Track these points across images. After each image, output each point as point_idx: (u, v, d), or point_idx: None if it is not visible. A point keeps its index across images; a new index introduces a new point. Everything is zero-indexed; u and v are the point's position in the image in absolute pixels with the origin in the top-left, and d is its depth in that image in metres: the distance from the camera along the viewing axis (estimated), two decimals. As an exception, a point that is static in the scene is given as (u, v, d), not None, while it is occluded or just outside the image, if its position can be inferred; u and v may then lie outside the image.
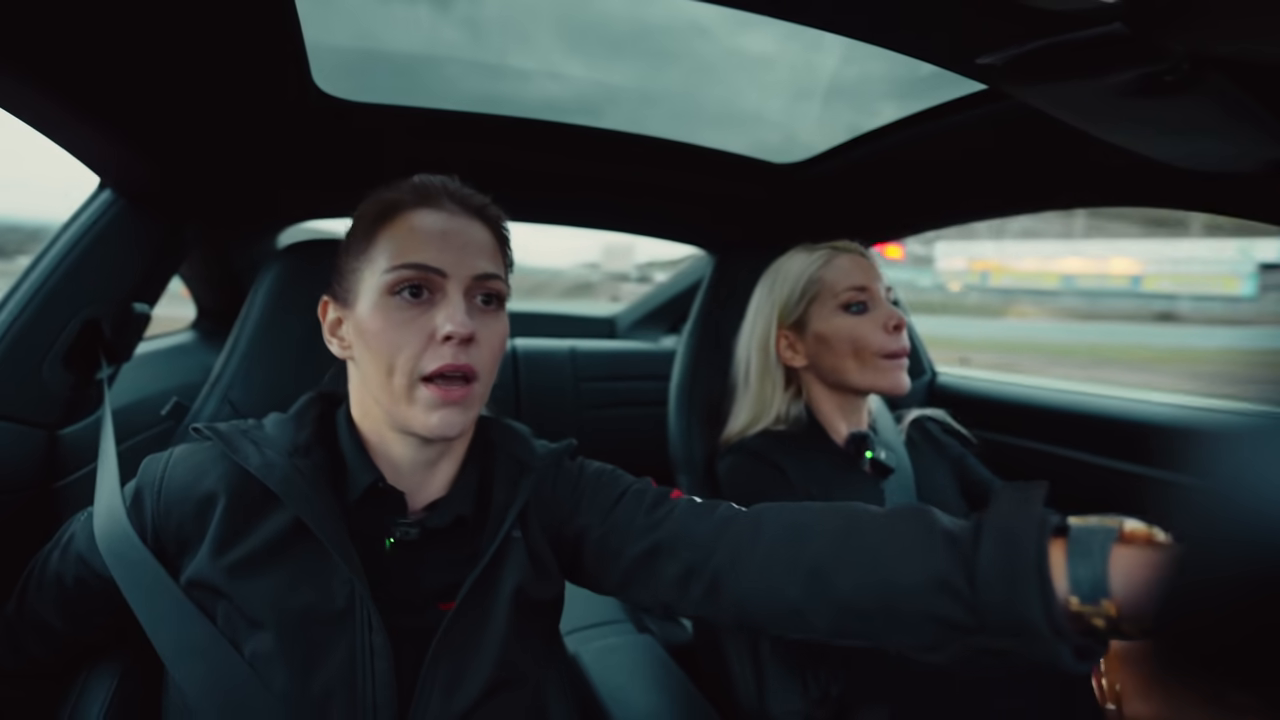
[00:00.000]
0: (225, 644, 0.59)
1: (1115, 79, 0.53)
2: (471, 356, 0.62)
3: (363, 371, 0.66)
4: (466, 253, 0.64)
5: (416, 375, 0.61)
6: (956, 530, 0.53)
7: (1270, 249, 30.82)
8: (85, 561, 0.66)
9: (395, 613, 0.62)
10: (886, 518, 0.58)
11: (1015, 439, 1.42)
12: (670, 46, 1.08)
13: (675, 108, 1.18)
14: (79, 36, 0.65)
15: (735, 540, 0.63)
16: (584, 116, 1.10)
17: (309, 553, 0.61)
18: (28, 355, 0.90)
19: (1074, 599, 0.44)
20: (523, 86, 1.11)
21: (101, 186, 1.00)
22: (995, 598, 0.46)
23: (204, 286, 1.61)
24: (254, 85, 0.82)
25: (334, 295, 0.69)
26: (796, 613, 0.58)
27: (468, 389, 0.62)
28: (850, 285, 1.03)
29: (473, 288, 0.64)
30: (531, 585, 0.68)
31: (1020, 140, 0.97)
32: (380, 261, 0.63)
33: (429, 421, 0.61)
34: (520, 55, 1.06)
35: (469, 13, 1.00)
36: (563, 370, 1.96)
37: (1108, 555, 0.44)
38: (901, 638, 0.53)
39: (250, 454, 0.64)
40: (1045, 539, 0.46)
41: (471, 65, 1.06)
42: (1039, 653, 0.45)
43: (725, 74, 1.16)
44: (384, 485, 0.66)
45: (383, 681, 0.59)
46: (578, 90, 1.13)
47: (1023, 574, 0.45)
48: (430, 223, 0.64)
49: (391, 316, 0.62)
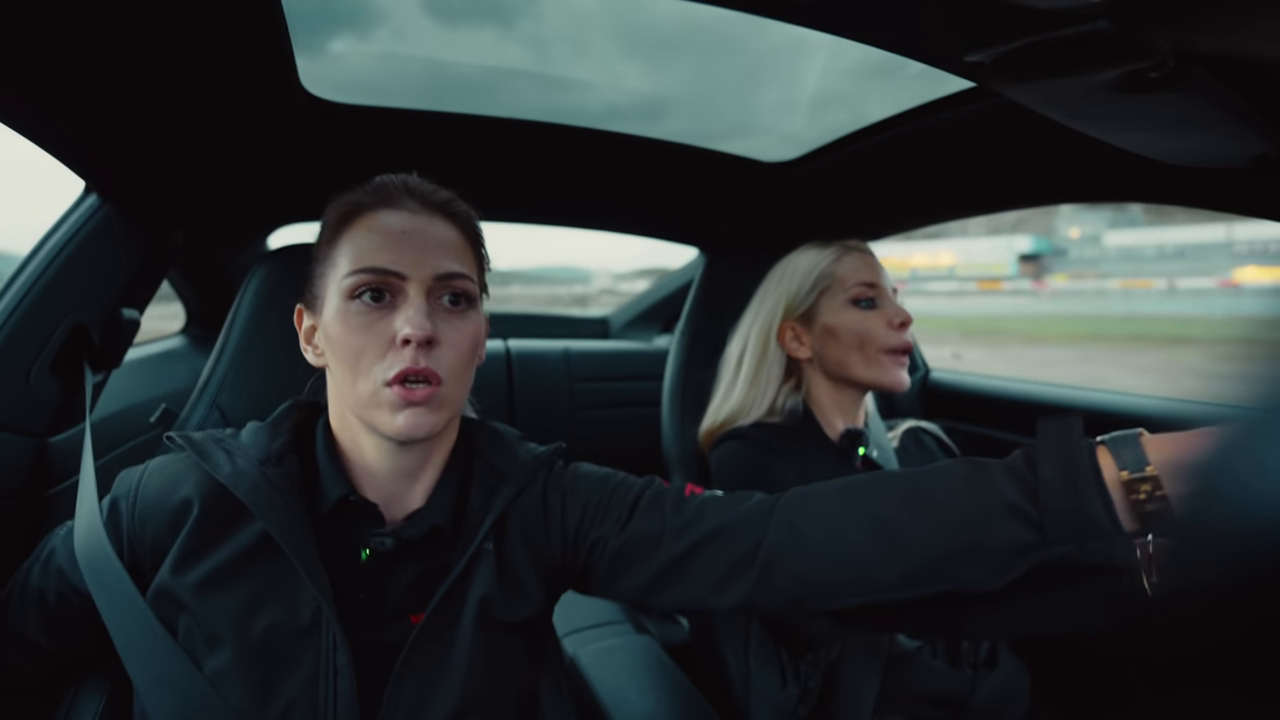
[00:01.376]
0: (192, 671, 0.58)
1: (1101, 76, 0.54)
2: (433, 360, 0.60)
3: (334, 378, 0.65)
4: (428, 253, 0.62)
5: (380, 380, 0.60)
6: (1009, 462, 0.58)
7: (1025, 243, 61.38)
8: (65, 576, 0.65)
9: (363, 627, 0.61)
10: (937, 468, 0.62)
11: (1007, 434, 1.43)
12: (670, 46, 1.09)
13: (673, 109, 1.19)
14: (62, 41, 0.64)
15: (787, 517, 0.63)
16: (588, 120, 1.11)
17: (277, 567, 0.60)
18: (15, 362, 0.89)
19: (1124, 472, 0.52)
20: (515, 87, 1.10)
21: (87, 191, 0.99)
22: (1062, 507, 0.53)
23: (193, 292, 1.60)
24: (240, 88, 0.82)
25: (306, 303, 0.69)
26: (864, 574, 0.59)
27: (431, 390, 0.60)
28: (861, 280, 1.05)
29: (436, 288, 0.63)
30: (497, 599, 0.65)
31: (1009, 137, 0.97)
32: (341, 266, 0.62)
33: (395, 423, 0.60)
34: (520, 56, 1.06)
35: (468, 13, 1.00)
36: (556, 371, 1.96)
37: (1139, 440, 0.53)
38: (973, 572, 0.56)
39: (222, 463, 0.63)
40: (1094, 449, 0.54)
41: (460, 66, 1.05)
42: (1098, 548, 0.52)
43: (719, 73, 1.16)
44: (355, 498, 0.65)
45: (345, 702, 0.58)
46: (579, 91, 1.13)
47: (1084, 480, 0.53)
48: (389, 223, 0.63)
49: (352, 321, 0.61)
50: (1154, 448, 0.52)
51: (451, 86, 1.07)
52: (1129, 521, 0.52)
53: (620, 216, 1.64)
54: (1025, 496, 0.55)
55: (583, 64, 1.10)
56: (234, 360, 0.90)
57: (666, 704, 1.04)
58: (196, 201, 1.15)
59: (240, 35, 0.70)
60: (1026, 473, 0.56)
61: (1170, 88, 0.54)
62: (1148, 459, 0.52)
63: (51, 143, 0.85)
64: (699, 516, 0.66)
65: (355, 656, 0.59)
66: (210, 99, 0.82)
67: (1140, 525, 0.52)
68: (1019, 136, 0.96)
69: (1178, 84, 0.53)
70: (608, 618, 1.53)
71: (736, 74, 1.15)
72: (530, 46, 1.07)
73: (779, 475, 0.97)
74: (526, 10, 1.01)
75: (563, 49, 1.09)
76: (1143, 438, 0.53)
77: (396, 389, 0.59)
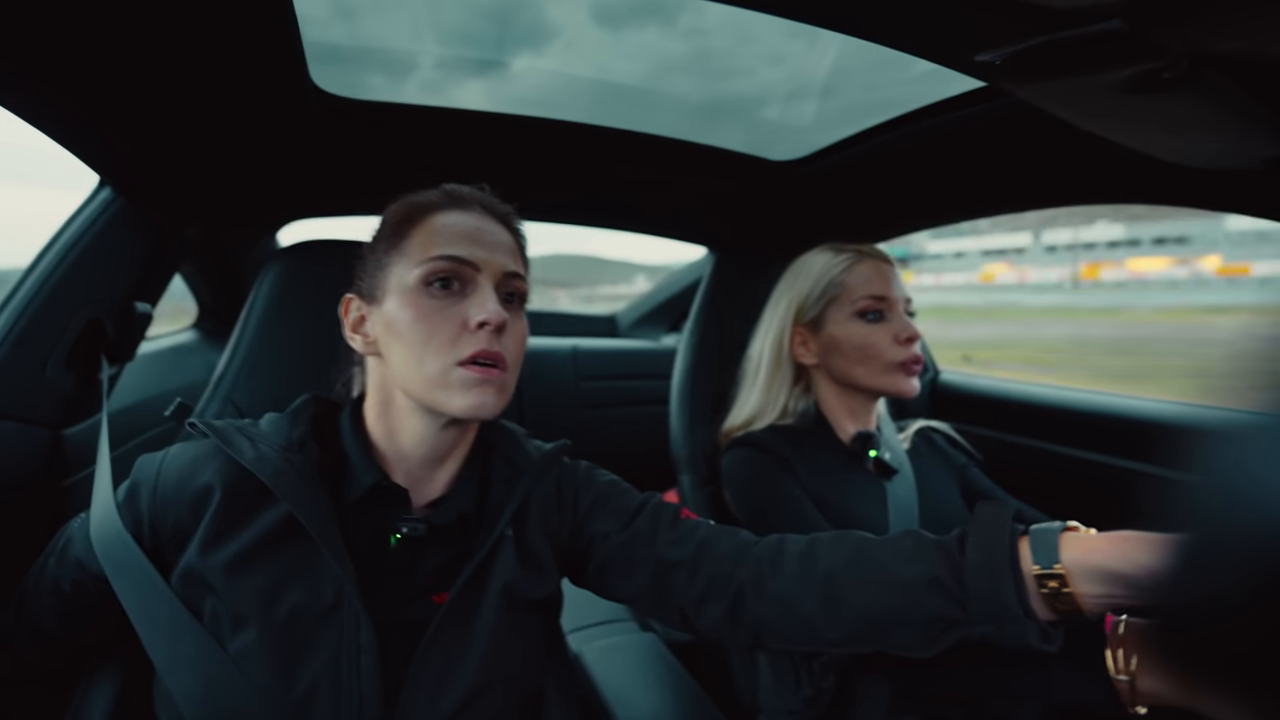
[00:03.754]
0: (217, 650, 0.59)
1: (1114, 76, 0.53)
2: (503, 345, 0.65)
3: (391, 364, 0.67)
4: (496, 251, 0.67)
5: (451, 360, 0.63)
6: (945, 541, 0.63)
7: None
8: (83, 565, 0.66)
9: (387, 607, 0.62)
10: (889, 538, 0.67)
11: (1017, 437, 1.42)
12: (672, 43, 1.09)
13: (676, 105, 1.18)
14: (77, 35, 0.65)
15: (758, 562, 0.68)
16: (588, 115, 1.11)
17: (301, 549, 0.62)
18: (30, 355, 0.90)
19: (1035, 566, 0.56)
20: (519, 84, 1.11)
21: (101, 185, 1.00)
22: (979, 588, 0.57)
23: (206, 286, 1.61)
24: (252, 84, 0.82)
25: (359, 292, 0.71)
26: (811, 626, 0.65)
27: (500, 373, 0.65)
28: (869, 293, 1.03)
29: (501, 284, 0.67)
30: (520, 581, 0.68)
31: (1020, 137, 0.97)
32: (414, 255, 0.66)
33: (466, 401, 0.63)
34: (518, 55, 1.06)
35: (460, 10, 1.00)
36: (564, 369, 1.96)
37: (1057, 537, 0.57)
38: (903, 638, 0.62)
39: (244, 448, 0.64)
40: (1015, 539, 0.58)
41: (469, 61, 1.06)
42: (1013, 633, 0.56)
43: (725, 71, 1.16)
44: (387, 483, 0.67)
45: (369, 677, 0.59)
46: (578, 88, 1.13)
47: (1000, 568, 0.57)
48: (462, 221, 0.68)
49: (424, 306, 0.64)
50: (1070, 546, 0.55)
51: (460, 83, 1.07)
52: (1043, 611, 0.56)
53: (629, 215, 1.64)
54: (952, 575, 0.59)
55: (587, 63, 1.10)
56: (248, 355, 0.90)
57: (670, 702, 1.05)
58: (208, 196, 1.16)
59: (250, 29, 0.71)
60: (957, 553, 0.60)
61: (1184, 88, 0.54)
62: (1059, 557, 0.55)
63: (67, 137, 0.86)
64: (688, 537, 0.71)
65: (378, 634, 0.60)
66: (222, 93, 0.83)
67: (1056, 617, 0.56)
68: (1030, 137, 0.95)
69: (1192, 84, 0.53)
70: (612, 615, 1.53)
71: (743, 71, 1.15)
72: (532, 44, 1.07)
73: (787, 493, 0.97)
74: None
75: (565, 47, 1.09)
76: (1063, 535, 0.56)
77: (470, 368, 0.63)
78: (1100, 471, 1.23)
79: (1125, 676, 0.62)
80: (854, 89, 1.11)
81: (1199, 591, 0.39)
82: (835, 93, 1.13)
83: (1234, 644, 0.38)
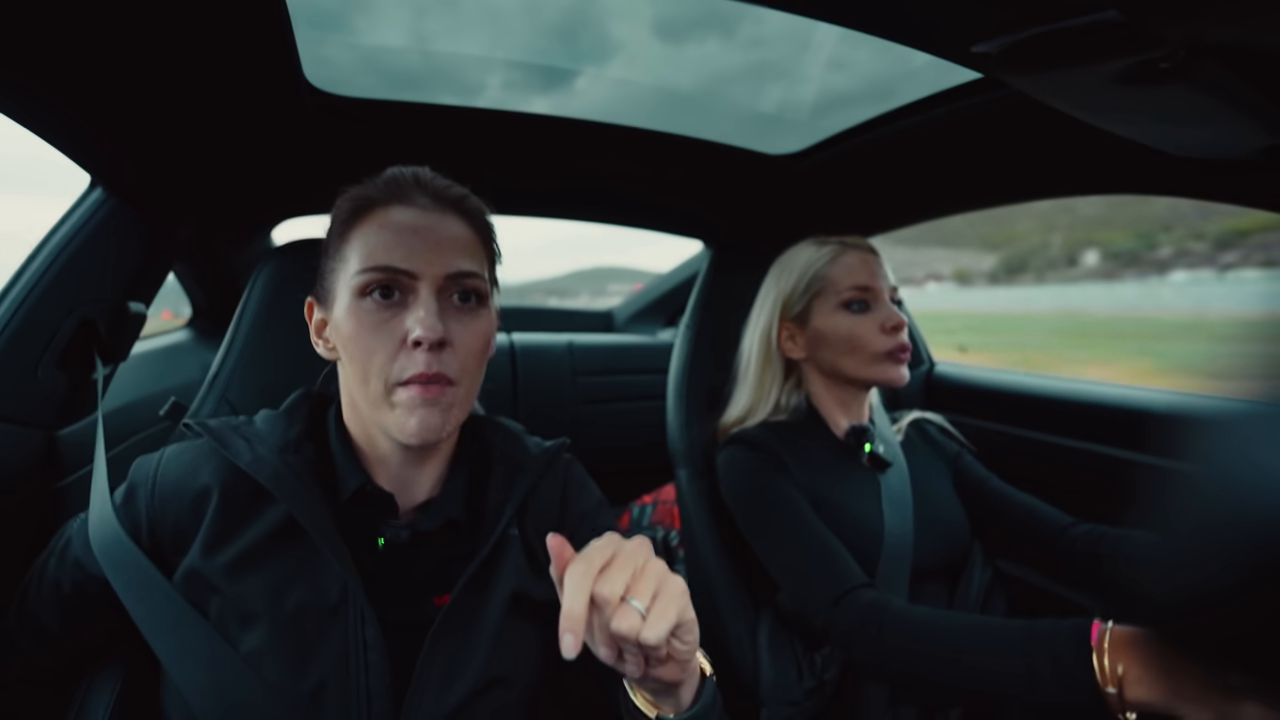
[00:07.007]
0: (222, 644, 0.59)
1: (1111, 66, 0.53)
2: (444, 363, 0.61)
3: (345, 373, 0.65)
4: (440, 251, 0.62)
5: (391, 381, 0.60)
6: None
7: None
8: (82, 566, 0.65)
9: (389, 607, 0.62)
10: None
11: (1013, 428, 1.42)
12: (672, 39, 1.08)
13: (671, 99, 1.18)
14: (67, 34, 0.64)
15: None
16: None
17: (302, 549, 0.61)
18: (23, 356, 0.90)
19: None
20: (509, 81, 1.10)
21: (92, 185, 1.00)
22: None
23: (199, 285, 1.60)
24: (244, 81, 0.82)
25: (317, 297, 0.69)
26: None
27: (445, 388, 0.61)
28: (853, 284, 1.03)
29: (447, 286, 0.63)
30: (529, 584, 0.67)
31: (1018, 128, 0.97)
32: (352, 263, 0.62)
33: (408, 426, 0.60)
34: (519, 52, 1.05)
35: (457, 10, 1.00)
36: (560, 364, 1.96)
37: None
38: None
39: (241, 450, 0.63)
40: None
41: (460, 59, 1.05)
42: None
43: (722, 65, 1.15)
44: (371, 488, 0.66)
45: (376, 673, 0.59)
46: (577, 87, 1.12)
47: None
48: (400, 220, 0.63)
49: (363, 320, 0.61)
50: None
51: (452, 79, 1.06)
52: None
53: (625, 209, 1.63)
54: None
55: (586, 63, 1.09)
56: (242, 354, 0.90)
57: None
58: (201, 195, 1.15)
59: (243, 26, 0.70)
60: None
61: (1181, 78, 0.54)
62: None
63: (58, 136, 0.85)
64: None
65: (383, 632, 0.60)
66: (215, 90, 0.82)
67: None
68: (1027, 129, 0.95)
69: (1188, 75, 0.53)
70: None
71: (740, 65, 1.15)
72: (527, 43, 1.06)
73: (781, 500, 0.97)
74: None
75: (565, 47, 1.08)
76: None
77: (412, 388, 0.60)
78: (1096, 461, 1.23)
79: (1113, 689, 0.61)
80: (851, 81, 1.11)
81: (1199, 577, 0.39)
82: (832, 86, 1.12)
83: (1233, 628, 0.38)
